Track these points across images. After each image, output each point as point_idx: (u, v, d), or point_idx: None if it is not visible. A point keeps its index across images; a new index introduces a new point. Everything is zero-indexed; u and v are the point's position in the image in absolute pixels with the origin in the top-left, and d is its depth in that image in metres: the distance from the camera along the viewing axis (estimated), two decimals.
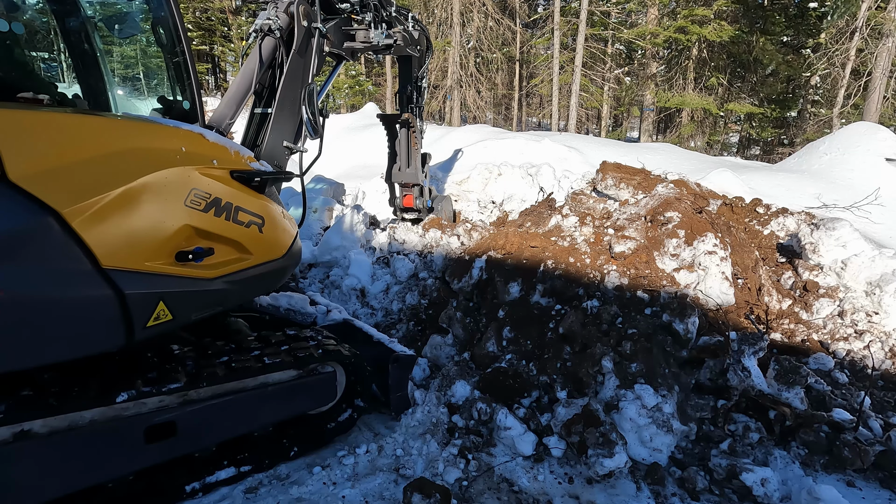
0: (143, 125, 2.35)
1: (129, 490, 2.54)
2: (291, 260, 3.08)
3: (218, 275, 2.54)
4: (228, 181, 2.59)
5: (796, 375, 3.28)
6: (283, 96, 3.31)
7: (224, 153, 2.60)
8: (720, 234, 4.00)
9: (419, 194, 5.89)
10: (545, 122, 30.32)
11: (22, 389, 2.23)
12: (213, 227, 2.48)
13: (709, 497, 2.72)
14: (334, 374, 3.14)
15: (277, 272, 2.99)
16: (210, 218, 2.45)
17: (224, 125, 3.11)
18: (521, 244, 4.17)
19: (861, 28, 16.00)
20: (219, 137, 2.62)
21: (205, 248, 2.45)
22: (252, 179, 2.75)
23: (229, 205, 2.56)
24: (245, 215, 2.66)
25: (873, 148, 8.82)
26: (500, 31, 23.88)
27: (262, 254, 2.80)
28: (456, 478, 2.80)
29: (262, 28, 3.27)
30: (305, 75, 3.47)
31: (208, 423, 2.63)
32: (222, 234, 2.54)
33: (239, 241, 2.65)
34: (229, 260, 2.62)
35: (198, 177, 2.41)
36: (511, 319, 3.71)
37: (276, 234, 2.94)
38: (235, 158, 2.68)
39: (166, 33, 2.71)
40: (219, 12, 30.75)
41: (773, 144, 24.34)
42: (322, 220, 6.57)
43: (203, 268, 2.46)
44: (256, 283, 2.83)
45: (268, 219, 2.84)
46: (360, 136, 13.21)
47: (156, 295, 2.25)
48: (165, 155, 2.29)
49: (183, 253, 2.34)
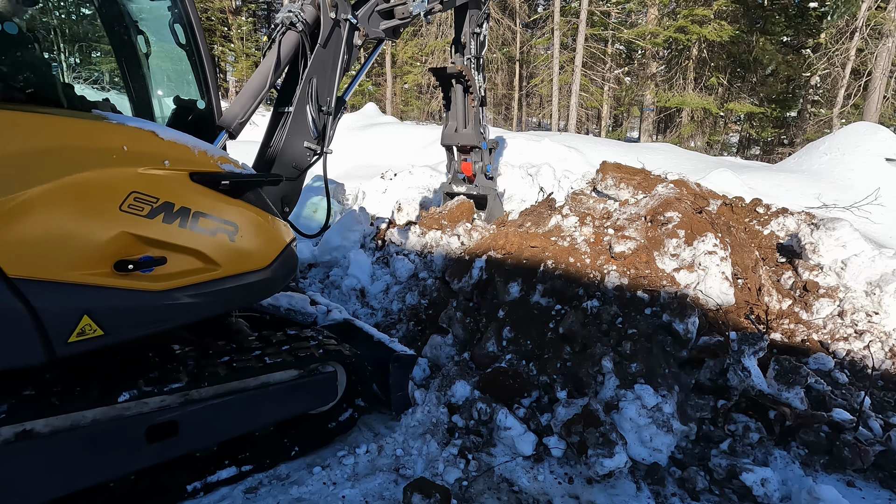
0: (74, 122, 2.08)
1: (131, 489, 2.55)
2: (280, 272, 2.84)
3: (170, 287, 2.31)
4: (186, 184, 2.34)
5: (796, 375, 3.28)
6: (306, 93, 3.13)
7: (183, 153, 2.35)
8: (720, 234, 4.01)
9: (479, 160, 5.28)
10: (545, 122, 30.33)
11: (24, 389, 2.24)
12: (162, 235, 2.25)
13: (709, 497, 2.73)
14: (335, 374, 3.14)
15: (259, 285, 2.74)
16: (158, 225, 2.22)
17: (234, 125, 2.93)
18: (520, 244, 4.17)
19: (861, 28, 16.01)
20: (179, 136, 2.37)
21: (155, 257, 2.25)
22: (218, 182, 2.48)
23: (185, 210, 2.32)
24: (209, 222, 2.42)
25: (873, 148, 8.83)
26: (500, 31, 23.90)
27: (235, 265, 2.57)
28: (456, 478, 2.81)
29: (284, 22, 3.07)
30: (333, 71, 3.26)
31: (209, 423, 2.63)
32: (176, 242, 2.30)
33: (200, 251, 2.41)
34: (187, 271, 2.39)
35: (140, 178, 2.16)
36: (511, 319, 3.71)
37: (257, 244, 2.70)
38: (200, 159, 2.41)
39: (183, 31, 2.69)
40: (219, 12, 30.75)
41: (773, 144, 24.34)
42: (322, 220, 6.57)
43: (150, 279, 2.24)
44: (228, 296, 2.59)
45: (244, 226, 2.60)
46: (361, 136, 13.21)
47: (77, 308, 2.03)
48: (97, 154, 2.06)
49: (124, 262, 2.14)
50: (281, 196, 3.22)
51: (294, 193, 3.34)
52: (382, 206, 6.75)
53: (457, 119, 5.11)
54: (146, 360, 2.64)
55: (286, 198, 3.27)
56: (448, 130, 5.19)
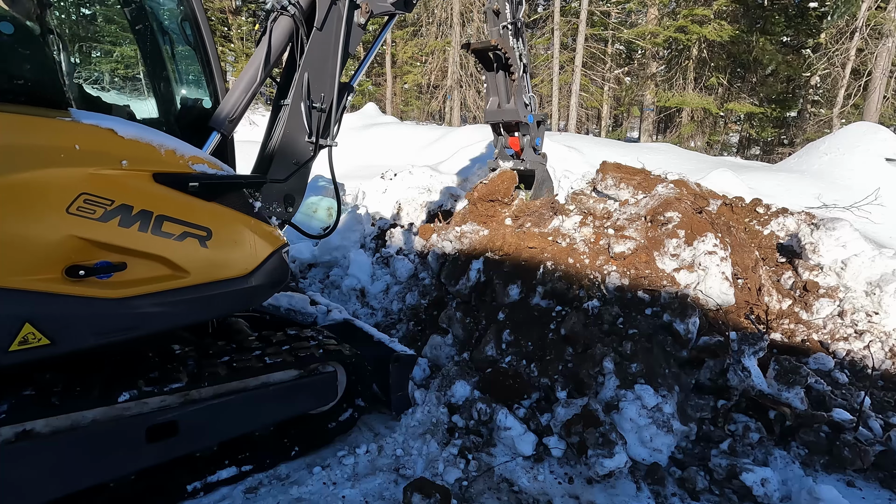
0: (23, 119, 1.95)
1: (131, 489, 2.55)
2: (264, 280, 2.66)
3: (132, 294, 2.18)
4: (147, 185, 2.19)
5: (796, 375, 3.28)
6: (302, 83, 2.92)
7: (146, 152, 2.19)
8: (720, 234, 4.01)
9: (525, 134, 4.91)
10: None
11: (24, 389, 2.24)
12: (119, 240, 2.11)
13: (709, 497, 2.73)
14: (335, 374, 3.14)
15: (238, 295, 2.58)
16: (113, 228, 2.08)
17: (225, 125, 2.79)
18: (518, 245, 4.16)
19: (861, 28, 16.01)
20: (146, 134, 2.24)
21: (114, 263, 2.12)
22: (187, 183, 2.31)
23: (147, 213, 2.17)
24: (175, 226, 2.27)
25: (873, 148, 8.83)
26: None
27: (207, 272, 2.41)
28: (456, 478, 2.81)
29: (275, 6, 2.85)
30: (334, 57, 3.02)
31: (210, 423, 2.63)
32: (136, 247, 2.17)
33: (165, 257, 2.26)
34: (152, 278, 2.25)
35: (91, 179, 2.02)
36: (511, 322, 3.71)
37: (235, 250, 2.54)
38: (166, 158, 2.26)
39: (190, 29, 2.67)
40: (219, 12, 30.75)
41: (773, 144, 24.34)
42: (323, 219, 6.57)
43: (108, 286, 2.12)
44: (201, 306, 2.44)
45: (219, 231, 2.44)
46: (361, 136, 13.22)
47: (16, 315, 1.92)
48: (44, 153, 1.94)
49: (76, 268, 2.01)
50: (283, 195, 3.11)
51: (297, 192, 3.20)
52: (382, 206, 6.75)
53: (498, 94, 4.72)
54: (146, 360, 2.64)
55: (288, 197, 3.15)
56: (490, 107, 4.81)
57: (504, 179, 4.93)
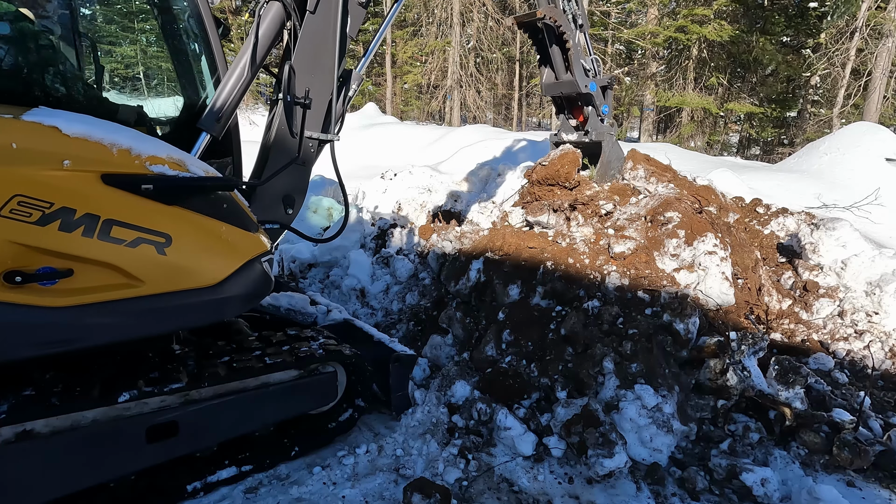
0: None
1: (131, 489, 2.55)
2: (238, 291, 2.46)
3: (78, 303, 2.03)
4: (94, 187, 2.03)
5: (796, 375, 3.29)
6: (292, 75, 2.70)
7: (93, 151, 2.04)
8: (720, 235, 4.01)
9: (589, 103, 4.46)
10: (545, 122, 30.34)
11: (24, 389, 2.24)
12: (61, 246, 1.96)
13: (709, 497, 2.73)
14: (335, 374, 3.14)
15: (205, 307, 2.39)
16: (53, 233, 1.93)
17: (214, 126, 2.61)
18: (518, 245, 4.16)
19: (861, 28, 16.01)
20: (95, 131, 2.07)
21: (60, 269, 1.98)
22: (139, 185, 2.12)
23: (93, 217, 2.01)
24: (127, 231, 2.09)
25: (873, 148, 8.83)
26: (500, 31, 23.88)
27: (165, 282, 2.23)
28: (456, 478, 2.81)
29: None
30: (332, 42, 2.77)
31: (210, 423, 2.63)
32: (80, 254, 2.02)
33: (115, 264, 2.10)
34: (101, 286, 2.10)
35: (25, 180, 1.88)
36: (511, 322, 3.70)
37: (201, 258, 2.34)
38: (118, 159, 2.08)
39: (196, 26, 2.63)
40: (219, 12, 30.77)
41: (773, 144, 24.34)
42: (322, 220, 6.57)
43: (52, 293, 1.98)
44: (160, 317, 2.28)
45: (181, 238, 2.25)
46: (361, 136, 13.23)
47: None
48: None
49: (13, 274, 1.89)
50: (282, 196, 2.98)
51: (297, 192, 3.05)
52: (382, 206, 6.75)
53: (554, 67, 4.31)
54: (146, 361, 2.64)
55: (288, 198, 3.01)
56: (546, 79, 4.40)
57: (565, 162, 4.44)
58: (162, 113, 2.95)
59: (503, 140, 10.20)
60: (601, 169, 4.77)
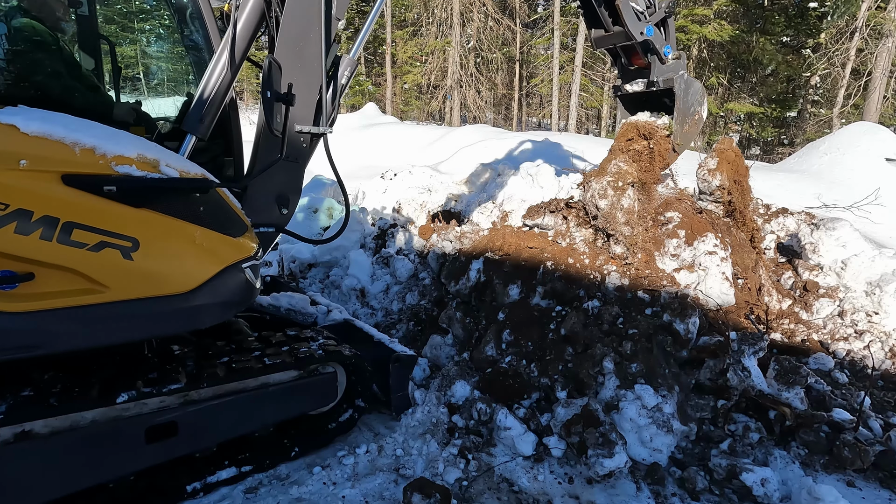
0: None
1: (131, 490, 2.55)
2: (213, 299, 2.35)
3: (38, 308, 1.96)
4: (52, 188, 1.94)
5: (796, 375, 3.28)
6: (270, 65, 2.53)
7: (53, 151, 1.95)
8: (720, 235, 4.01)
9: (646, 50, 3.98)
10: (545, 122, 30.31)
11: (23, 390, 2.24)
12: (16, 249, 1.88)
13: (709, 497, 2.73)
14: (335, 375, 3.14)
15: (177, 314, 2.29)
16: (8, 235, 1.86)
17: (198, 126, 2.48)
18: (518, 245, 4.16)
19: (861, 28, 16.01)
20: (56, 130, 1.98)
21: (19, 272, 1.91)
22: (101, 186, 2.02)
23: (51, 220, 1.93)
24: (89, 235, 2.00)
25: (873, 148, 8.84)
26: (500, 31, 23.90)
27: (132, 288, 2.14)
28: (456, 478, 2.81)
29: None
30: (317, 26, 2.58)
31: (209, 424, 2.63)
32: (38, 257, 1.93)
33: (77, 269, 2.01)
34: (62, 291, 2.02)
35: None
36: (511, 322, 3.70)
37: (171, 263, 2.24)
38: (80, 158, 1.99)
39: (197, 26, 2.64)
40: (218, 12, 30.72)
41: (773, 144, 24.33)
42: (322, 220, 6.57)
43: (10, 298, 1.92)
44: (126, 325, 2.19)
45: (149, 242, 2.14)
46: (361, 136, 13.23)
47: None
48: None
49: None
50: (275, 196, 2.87)
51: (292, 191, 2.94)
52: (382, 206, 6.75)
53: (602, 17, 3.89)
54: (145, 361, 2.64)
55: (281, 197, 2.90)
56: (595, 35, 3.99)
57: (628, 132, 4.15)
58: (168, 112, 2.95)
59: (503, 140, 10.21)
60: (679, 117, 4.14)
